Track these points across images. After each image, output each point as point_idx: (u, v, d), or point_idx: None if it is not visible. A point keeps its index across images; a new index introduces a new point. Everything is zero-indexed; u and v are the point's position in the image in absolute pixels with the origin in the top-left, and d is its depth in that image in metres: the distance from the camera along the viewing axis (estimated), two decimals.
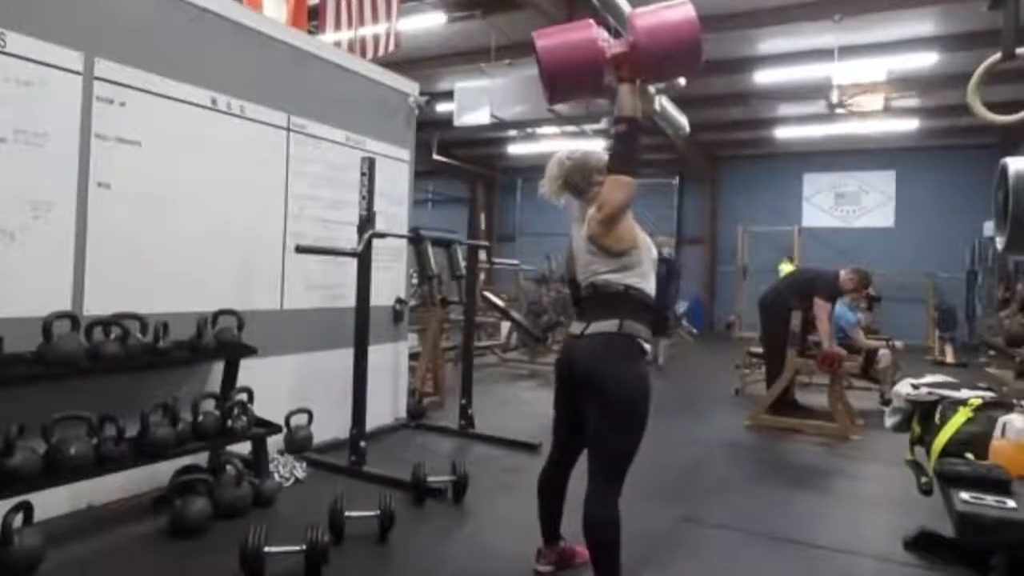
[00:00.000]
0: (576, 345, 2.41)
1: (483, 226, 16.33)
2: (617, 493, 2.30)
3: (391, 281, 5.06)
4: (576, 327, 2.45)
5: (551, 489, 2.64)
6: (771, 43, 8.75)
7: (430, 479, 3.49)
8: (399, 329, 5.19)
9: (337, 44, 5.98)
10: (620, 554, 2.29)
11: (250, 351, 3.54)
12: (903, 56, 8.40)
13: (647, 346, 2.37)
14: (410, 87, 5.31)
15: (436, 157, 13.80)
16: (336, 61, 4.63)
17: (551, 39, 2.39)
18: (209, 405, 3.26)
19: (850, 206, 14.11)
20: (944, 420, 2.99)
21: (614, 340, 2.33)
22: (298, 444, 3.74)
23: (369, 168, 3.94)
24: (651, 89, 7.05)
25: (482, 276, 8.94)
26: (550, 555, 2.68)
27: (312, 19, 6.41)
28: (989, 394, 3.11)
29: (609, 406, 2.29)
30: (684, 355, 10.21)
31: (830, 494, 4.02)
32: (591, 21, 2.45)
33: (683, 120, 8.99)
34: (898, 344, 6.55)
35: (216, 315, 3.45)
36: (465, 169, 15.72)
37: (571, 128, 10.98)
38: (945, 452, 2.87)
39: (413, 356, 5.82)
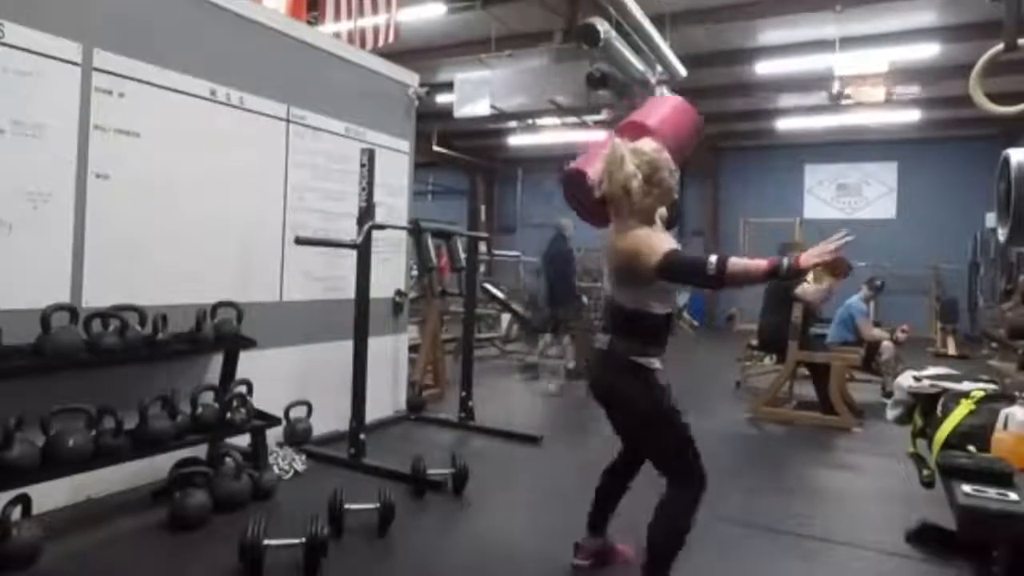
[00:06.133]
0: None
1: (483, 218, 16.28)
2: (687, 493, 2.30)
3: (391, 273, 5.05)
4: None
5: (609, 480, 2.65)
6: (772, 34, 8.71)
7: (430, 472, 3.49)
8: (399, 321, 5.19)
9: (336, 35, 5.96)
10: (671, 563, 2.30)
11: (249, 343, 3.53)
12: (905, 47, 8.36)
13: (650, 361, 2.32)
14: (410, 78, 5.29)
15: (436, 148, 13.78)
16: (335, 52, 4.60)
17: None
18: (208, 397, 3.25)
19: (852, 197, 14.07)
20: (946, 413, 2.99)
21: (612, 357, 2.36)
22: (297, 436, 3.73)
23: (369, 159, 3.93)
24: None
25: (482, 268, 8.92)
26: (589, 548, 2.66)
27: (311, 10, 6.38)
28: (991, 386, 3.10)
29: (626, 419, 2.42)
30: (685, 348, 10.20)
31: (831, 487, 4.02)
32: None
33: None
34: (901, 335, 6.37)
35: (215, 307, 3.44)
36: (465, 160, 15.68)
37: (571, 119, 10.94)
38: (947, 445, 2.86)
39: (413, 348, 5.81)
